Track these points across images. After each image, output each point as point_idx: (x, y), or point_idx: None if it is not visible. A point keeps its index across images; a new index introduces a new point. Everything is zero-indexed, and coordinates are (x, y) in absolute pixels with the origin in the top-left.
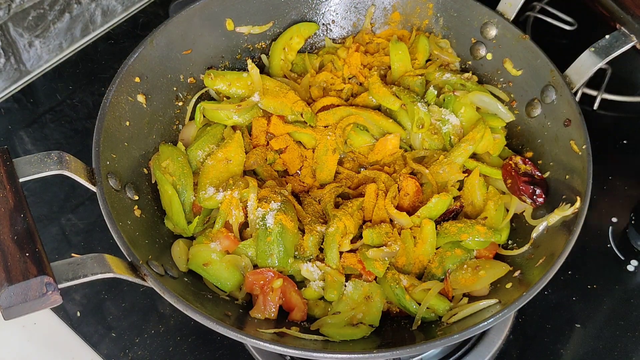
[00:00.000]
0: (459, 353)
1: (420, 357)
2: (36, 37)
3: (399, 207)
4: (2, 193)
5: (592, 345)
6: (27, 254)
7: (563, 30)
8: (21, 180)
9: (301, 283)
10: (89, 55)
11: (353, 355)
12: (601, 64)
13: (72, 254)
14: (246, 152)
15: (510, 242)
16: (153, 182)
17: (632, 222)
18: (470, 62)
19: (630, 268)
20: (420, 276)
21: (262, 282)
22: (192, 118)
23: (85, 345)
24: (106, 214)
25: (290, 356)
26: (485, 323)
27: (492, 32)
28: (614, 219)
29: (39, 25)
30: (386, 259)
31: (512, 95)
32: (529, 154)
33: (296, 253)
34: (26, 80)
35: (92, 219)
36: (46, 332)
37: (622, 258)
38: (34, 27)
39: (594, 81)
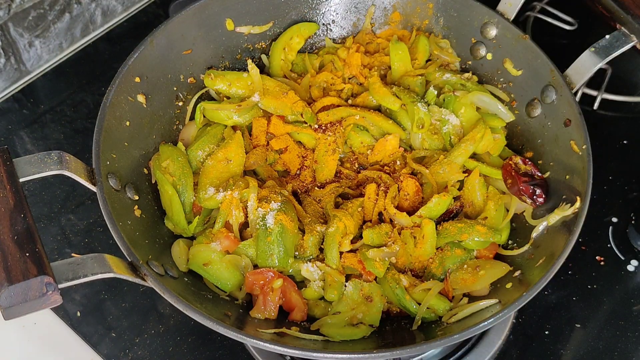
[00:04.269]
0: (459, 353)
1: (420, 357)
2: (36, 37)
3: (399, 207)
4: (2, 193)
5: (592, 345)
6: (27, 254)
7: (563, 30)
8: (21, 180)
9: (301, 283)
10: (89, 55)
11: (353, 355)
12: (601, 64)
13: (72, 254)
14: (246, 152)
15: (510, 242)
16: (153, 182)
17: (632, 222)
18: (470, 62)
19: (630, 268)
20: (420, 276)
21: (262, 282)
22: (192, 118)
23: (85, 345)
24: (106, 214)
25: (290, 356)
26: (485, 323)
27: (492, 32)
28: (614, 219)
29: (39, 25)
30: (386, 259)
31: (512, 95)
32: (529, 154)
33: (296, 253)
34: (26, 80)
35: (92, 219)
36: (46, 332)
37: (622, 258)
38: (34, 27)
39: (594, 81)
